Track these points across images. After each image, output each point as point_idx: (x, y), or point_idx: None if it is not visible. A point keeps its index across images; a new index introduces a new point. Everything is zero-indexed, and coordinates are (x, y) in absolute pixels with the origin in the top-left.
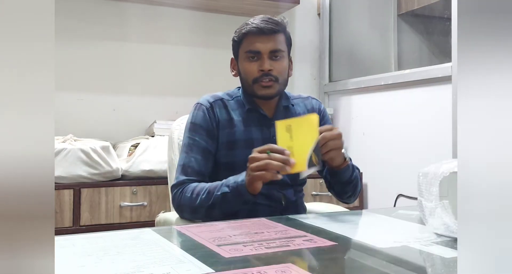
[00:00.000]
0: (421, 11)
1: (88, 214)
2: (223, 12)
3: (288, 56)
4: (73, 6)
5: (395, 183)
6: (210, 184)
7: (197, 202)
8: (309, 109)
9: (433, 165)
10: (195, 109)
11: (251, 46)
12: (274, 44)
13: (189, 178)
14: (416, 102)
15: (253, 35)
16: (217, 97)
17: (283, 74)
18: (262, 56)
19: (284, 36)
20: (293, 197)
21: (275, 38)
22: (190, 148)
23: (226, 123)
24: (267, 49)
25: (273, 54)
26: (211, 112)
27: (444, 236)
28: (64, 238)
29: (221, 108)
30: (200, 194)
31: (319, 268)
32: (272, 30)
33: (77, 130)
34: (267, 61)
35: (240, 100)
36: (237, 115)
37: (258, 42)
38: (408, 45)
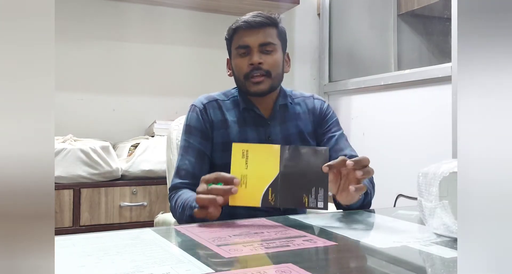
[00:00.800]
0: (421, 11)
1: (88, 214)
2: (222, 12)
3: (282, 51)
4: (73, 6)
5: (395, 183)
6: (186, 198)
7: (177, 215)
8: (310, 109)
9: (433, 165)
10: (190, 111)
11: (240, 41)
12: (264, 36)
13: (183, 181)
14: (416, 102)
15: (242, 30)
16: (212, 98)
17: (276, 68)
18: (252, 50)
19: (276, 30)
20: None
21: (265, 31)
22: (186, 151)
23: (220, 124)
24: (256, 42)
25: (264, 47)
26: (204, 114)
27: (444, 236)
28: (64, 238)
29: (215, 109)
30: (178, 208)
31: (319, 268)
32: (261, 23)
33: (77, 130)
34: (257, 54)
35: (236, 100)
36: (232, 115)
37: (246, 36)
38: (408, 45)
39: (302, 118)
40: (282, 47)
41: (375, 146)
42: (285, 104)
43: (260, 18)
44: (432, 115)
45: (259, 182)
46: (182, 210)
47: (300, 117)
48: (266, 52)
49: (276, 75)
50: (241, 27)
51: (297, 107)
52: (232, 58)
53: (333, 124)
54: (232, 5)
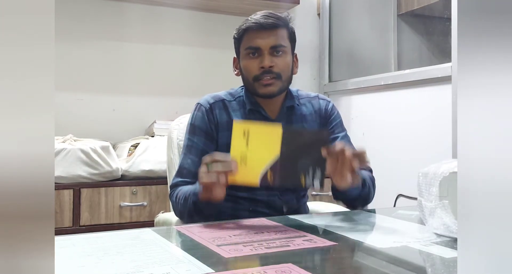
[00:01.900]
0: (421, 11)
1: (88, 214)
2: (222, 12)
3: (291, 53)
4: (73, 6)
5: (395, 183)
6: (188, 189)
7: (179, 208)
8: (316, 110)
9: (433, 165)
10: (195, 109)
11: (251, 42)
12: (275, 39)
13: (184, 179)
14: (416, 102)
15: (252, 31)
16: (218, 97)
17: (286, 71)
18: (263, 52)
19: (286, 31)
20: (295, 204)
21: (276, 33)
22: (189, 150)
23: (225, 125)
24: (268, 45)
25: (274, 49)
26: (210, 114)
27: (444, 236)
28: (64, 238)
29: (221, 109)
30: (180, 200)
31: (319, 268)
32: (273, 24)
33: (77, 130)
34: (268, 57)
35: (242, 100)
36: (238, 116)
37: (258, 38)
38: (408, 45)
39: (309, 120)
40: (292, 48)
41: (375, 146)
42: (292, 106)
43: (272, 19)
44: (432, 115)
45: (258, 161)
46: (184, 201)
47: (306, 118)
48: (276, 54)
49: (286, 78)
50: (252, 28)
51: (303, 108)
52: (241, 58)
53: (337, 125)
54: (232, 5)
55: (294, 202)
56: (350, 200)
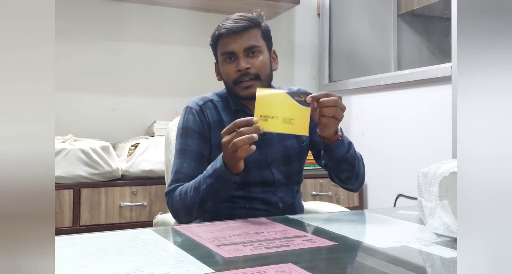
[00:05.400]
0: (421, 11)
1: (88, 214)
2: (223, 12)
3: (268, 50)
4: (73, 6)
5: (395, 183)
6: (194, 180)
7: (187, 201)
8: None
9: (433, 165)
10: (185, 113)
11: (225, 48)
12: (248, 41)
13: (181, 184)
14: (416, 102)
15: (225, 37)
16: (206, 98)
17: (264, 70)
18: (238, 55)
19: (259, 30)
20: (290, 199)
21: (248, 35)
22: (183, 154)
23: (217, 124)
24: (241, 48)
25: (249, 51)
26: (201, 115)
27: (444, 236)
28: (64, 238)
29: (211, 109)
30: (188, 192)
31: (319, 268)
32: (243, 27)
33: (77, 130)
34: (243, 59)
35: (228, 101)
36: (227, 116)
37: (230, 43)
38: (408, 45)
39: None
40: (267, 46)
41: (375, 146)
42: None
43: (242, 22)
44: (432, 115)
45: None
46: (194, 190)
47: None
48: (252, 55)
49: (265, 77)
50: (224, 34)
51: None
52: (220, 64)
53: None
54: (232, 5)
55: (289, 197)
56: (337, 162)
